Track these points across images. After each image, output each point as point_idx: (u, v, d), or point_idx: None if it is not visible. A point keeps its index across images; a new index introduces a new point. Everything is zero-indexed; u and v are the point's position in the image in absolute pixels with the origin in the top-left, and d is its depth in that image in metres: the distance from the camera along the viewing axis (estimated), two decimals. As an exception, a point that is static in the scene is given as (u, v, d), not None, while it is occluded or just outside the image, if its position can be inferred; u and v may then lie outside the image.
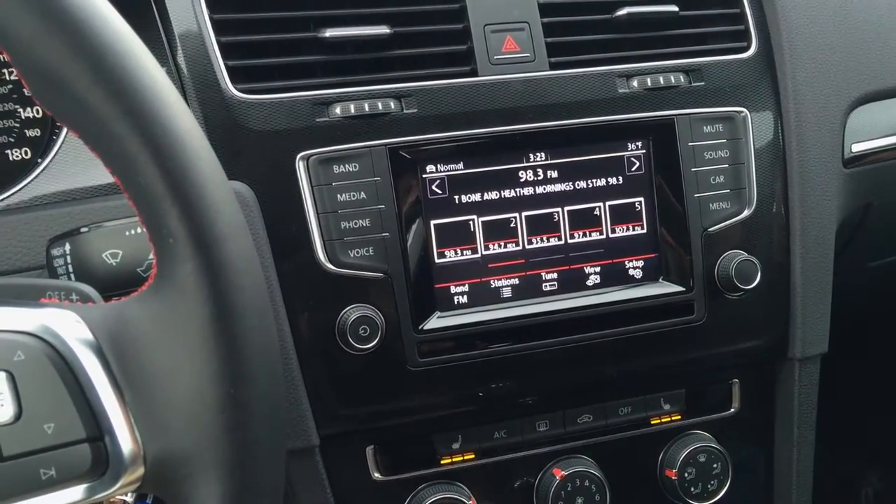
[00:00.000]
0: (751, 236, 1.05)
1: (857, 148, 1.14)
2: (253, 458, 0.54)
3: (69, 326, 0.54)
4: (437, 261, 0.96)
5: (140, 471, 0.54)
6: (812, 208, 1.09)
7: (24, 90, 0.95)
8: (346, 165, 0.93)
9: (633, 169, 1.01)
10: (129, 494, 0.78)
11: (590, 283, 1.01)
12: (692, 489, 1.09)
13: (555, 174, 0.99)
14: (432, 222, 0.95)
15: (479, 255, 0.97)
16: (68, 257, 0.70)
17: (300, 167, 0.92)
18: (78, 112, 0.52)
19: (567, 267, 1.00)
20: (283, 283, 0.92)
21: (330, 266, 0.92)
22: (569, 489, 1.04)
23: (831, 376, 1.19)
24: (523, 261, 0.98)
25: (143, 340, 0.54)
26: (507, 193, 0.98)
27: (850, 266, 1.20)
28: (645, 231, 1.02)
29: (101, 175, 0.91)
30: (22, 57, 0.51)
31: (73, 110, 0.52)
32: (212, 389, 0.52)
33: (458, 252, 0.97)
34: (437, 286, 0.96)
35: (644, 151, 1.01)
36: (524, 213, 0.98)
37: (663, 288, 1.03)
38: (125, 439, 0.53)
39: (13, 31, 0.51)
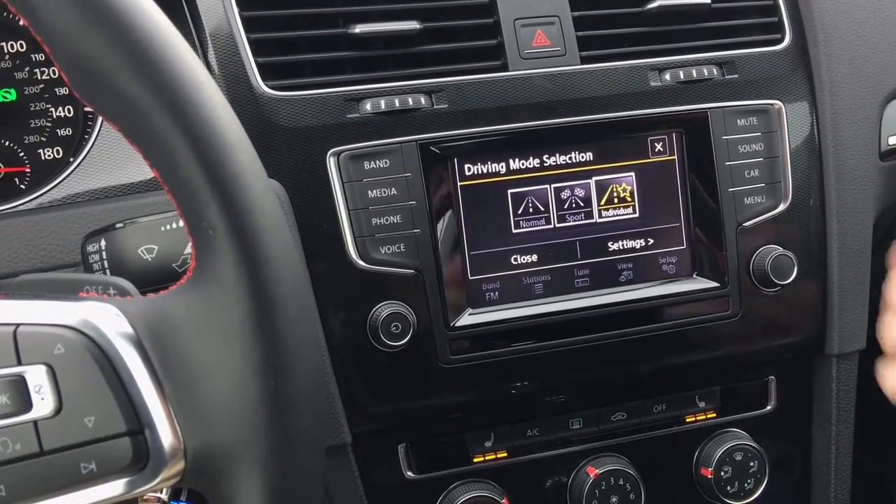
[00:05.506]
0: (786, 231, 1.04)
1: (894, 141, 1.12)
2: (295, 452, 0.53)
3: (109, 320, 0.54)
4: (468, 257, 0.95)
5: (180, 464, 0.53)
6: (848, 202, 1.07)
7: (57, 90, 0.95)
8: (377, 161, 0.92)
9: (667, 164, 1.00)
10: (164, 491, 0.78)
11: (623, 279, 1.00)
12: (728, 488, 1.07)
13: (587, 168, 0.98)
14: (463, 219, 0.95)
15: (511, 251, 0.96)
16: (104, 253, 0.70)
17: (331, 163, 0.92)
18: (117, 104, 0.52)
19: (600, 262, 0.99)
20: (315, 280, 0.92)
21: (361, 263, 0.92)
22: (603, 487, 1.03)
23: (862, 373, 1.17)
24: (556, 256, 0.97)
25: (183, 334, 0.53)
26: (539, 188, 0.97)
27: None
28: (678, 226, 1.01)
29: (133, 173, 0.92)
30: (61, 49, 0.51)
31: (113, 103, 0.52)
32: (253, 382, 0.52)
33: (490, 249, 0.96)
34: (468, 283, 0.95)
35: (677, 146, 1.00)
36: (556, 209, 0.97)
37: (697, 284, 1.01)
38: (165, 433, 0.53)
39: (53, 23, 0.51)
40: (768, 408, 1.13)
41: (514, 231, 0.96)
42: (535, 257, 0.97)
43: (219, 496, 0.54)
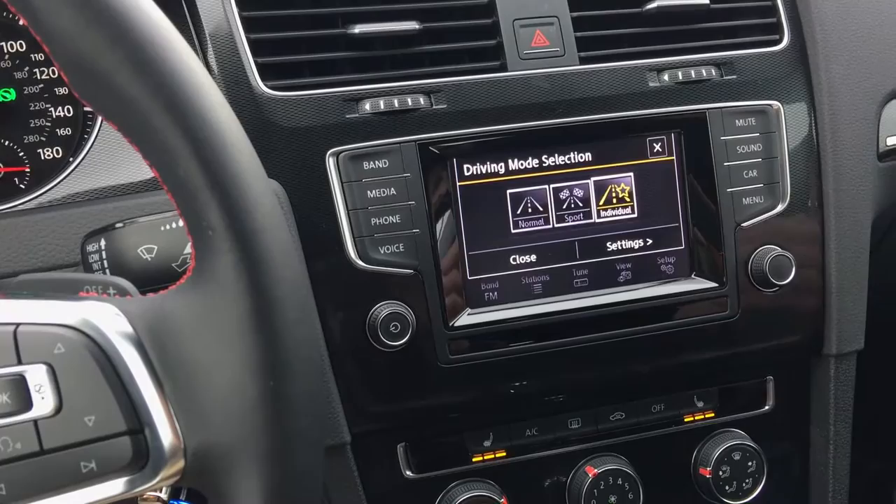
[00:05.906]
0: (785, 231, 1.04)
1: (892, 141, 1.12)
2: (294, 451, 0.53)
3: (109, 319, 0.54)
4: (467, 257, 0.95)
5: (180, 464, 0.53)
6: (847, 202, 1.07)
7: (56, 89, 0.95)
8: (376, 161, 0.92)
9: (665, 164, 1.00)
10: (164, 490, 0.78)
11: (622, 279, 1.00)
12: (727, 487, 1.07)
13: (586, 169, 0.98)
14: (462, 219, 0.95)
15: (510, 251, 0.97)
16: (103, 252, 0.70)
17: (330, 163, 0.92)
18: (117, 105, 0.52)
19: (599, 263, 0.99)
20: (314, 280, 0.92)
21: (360, 263, 0.92)
22: (601, 487, 1.03)
23: (861, 373, 1.17)
24: (555, 256, 0.98)
25: (182, 333, 0.53)
26: (538, 188, 0.97)
27: (886, 261, 1.18)
28: (677, 226, 1.01)
29: (133, 173, 0.92)
30: (61, 49, 0.51)
31: (113, 103, 0.52)
32: (252, 382, 0.52)
33: (489, 249, 0.96)
34: (467, 283, 0.95)
35: (676, 146, 1.00)
36: (555, 209, 0.97)
37: (696, 284, 1.02)
38: (165, 432, 0.53)
39: (52, 23, 0.51)
40: (766, 408, 1.13)
41: (513, 231, 0.97)
42: (533, 257, 0.97)
43: (218, 495, 0.54)
